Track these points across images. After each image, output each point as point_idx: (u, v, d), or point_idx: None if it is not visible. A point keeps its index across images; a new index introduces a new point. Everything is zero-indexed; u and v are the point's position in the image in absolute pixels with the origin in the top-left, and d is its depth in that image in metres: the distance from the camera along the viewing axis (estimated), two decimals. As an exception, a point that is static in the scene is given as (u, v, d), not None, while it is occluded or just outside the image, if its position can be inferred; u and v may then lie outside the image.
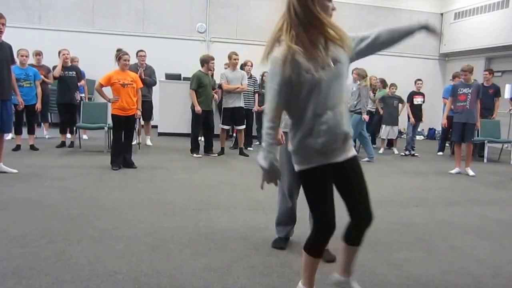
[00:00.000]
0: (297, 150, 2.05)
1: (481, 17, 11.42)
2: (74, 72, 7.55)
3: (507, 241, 3.72)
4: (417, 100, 8.93)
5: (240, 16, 11.81)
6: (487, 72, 8.75)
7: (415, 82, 9.09)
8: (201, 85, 7.09)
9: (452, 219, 4.30)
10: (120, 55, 5.70)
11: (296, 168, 2.09)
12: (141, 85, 6.11)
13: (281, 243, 3.29)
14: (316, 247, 2.17)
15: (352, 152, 2.13)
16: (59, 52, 7.49)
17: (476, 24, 11.56)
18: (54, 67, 7.53)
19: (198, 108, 7.05)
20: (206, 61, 7.17)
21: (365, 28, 12.27)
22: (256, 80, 8.50)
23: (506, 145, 9.12)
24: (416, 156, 8.75)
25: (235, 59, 7.40)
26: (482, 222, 4.26)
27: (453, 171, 6.91)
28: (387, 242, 3.51)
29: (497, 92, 8.61)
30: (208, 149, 7.42)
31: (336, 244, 2.29)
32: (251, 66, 8.27)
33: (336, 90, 1.97)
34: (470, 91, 6.63)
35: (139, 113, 6.10)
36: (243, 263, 2.93)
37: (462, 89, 6.74)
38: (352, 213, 2.13)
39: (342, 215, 2.14)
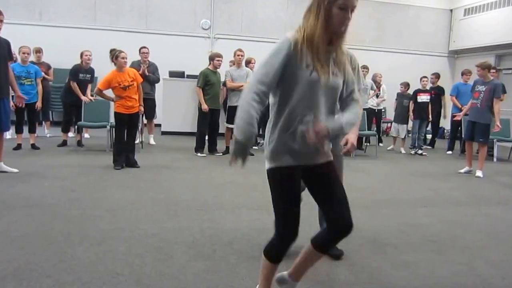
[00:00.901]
0: (271, 146, 1.96)
1: (491, 14, 11.23)
2: (90, 76, 7.47)
3: (518, 242, 3.64)
4: (422, 98, 8.76)
5: (245, 12, 11.67)
6: (494, 70, 8.61)
7: (421, 80, 8.96)
8: (208, 82, 7.01)
9: (461, 220, 4.22)
10: (116, 54, 5.59)
11: (267, 165, 1.99)
12: (141, 80, 6.01)
13: None
14: (274, 252, 2.09)
15: (328, 157, 2.05)
16: (82, 54, 7.40)
17: (486, 21, 11.37)
18: (73, 73, 7.26)
19: (204, 106, 6.97)
20: (212, 58, 7.11)
21: (373, 25, 12.27)
22: None
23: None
24: (425, 155, 8.64)
25: (239, 55, 7.31)
26: (491, 223, 4.18)
27: (462, 170, 6.79)
28: (395, 243, 3.44)
29: None
30: (213, 148, 7.35)
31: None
32: (255, 63, 8.16)
33: (326, 99, 1.94)
34: (484, 89, 6.39)
35: (142, 109, 6.04)
36: (248, 264, 2.86)
37: (478, 86, 6.51)
38: (328, 219, 2.03)
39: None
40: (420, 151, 8.71)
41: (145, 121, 8.06)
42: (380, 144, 9.33)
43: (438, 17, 12.88)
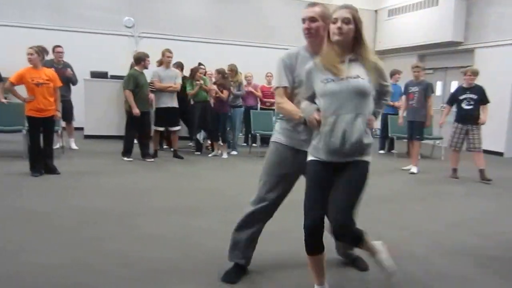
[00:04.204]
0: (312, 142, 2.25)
1: (413, 15, 11.66)
2: None
3: None
4: None
5: (170, 10, 11.19)
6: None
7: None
8: (138, 85, 6.64)
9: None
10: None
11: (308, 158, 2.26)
12: (59, 83, 5.55)
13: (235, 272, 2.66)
14: (306, 242, 2.17)
15: (356, 158, 2.17)
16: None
17: (409, 22, 11.81)
18: None
19: (136, 111, 6.54)
20: (142, 59, 6.72)
21: (298, 22, 12.10)
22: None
23: (437, 141, 9.14)
24: None
25: (168, 57, 7.04)
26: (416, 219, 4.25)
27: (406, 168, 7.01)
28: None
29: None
30: (145, 153, 6.91)
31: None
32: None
33: (346, 100, 2.13)
34: (417, 89, 6.66)
35: (59, 114, 5.61)
36: (171, 268, 2.68)
37: (411, 87, 6.81)
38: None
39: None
40: None
41: (63, 124, 7.48)
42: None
43: (364, 17, 13.25)
